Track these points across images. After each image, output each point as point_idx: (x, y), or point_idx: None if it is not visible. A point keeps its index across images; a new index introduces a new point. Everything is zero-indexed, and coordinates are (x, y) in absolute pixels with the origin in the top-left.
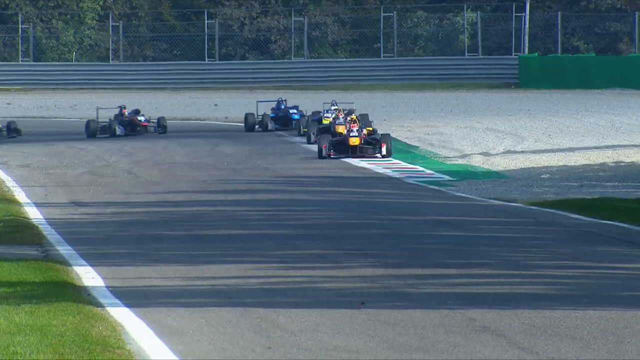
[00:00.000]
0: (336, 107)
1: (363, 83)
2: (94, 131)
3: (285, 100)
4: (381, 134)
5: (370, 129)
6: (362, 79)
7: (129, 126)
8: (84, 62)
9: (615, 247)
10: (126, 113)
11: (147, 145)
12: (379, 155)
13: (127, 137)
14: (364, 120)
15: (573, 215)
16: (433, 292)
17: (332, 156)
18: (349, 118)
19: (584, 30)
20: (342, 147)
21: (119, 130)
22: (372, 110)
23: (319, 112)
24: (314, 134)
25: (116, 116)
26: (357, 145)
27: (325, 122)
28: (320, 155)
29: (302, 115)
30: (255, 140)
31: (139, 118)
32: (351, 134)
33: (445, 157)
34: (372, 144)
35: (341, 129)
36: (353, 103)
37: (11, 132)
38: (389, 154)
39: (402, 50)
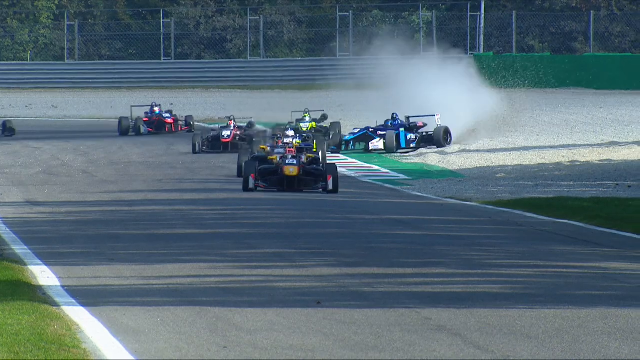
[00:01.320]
0: (307, 114)
1: (319, 82)
2: (126, 129)
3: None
4: (326, 164)
5: (311, 155)
6: (318, 78)
7: (156, 125)
8: (39, 62)
9: (571, 246)
10: (157, 111)
11: (102, 144)
12: (321, 190)
13: (85, 137)
14: (333, 129)
15: (528, 214)
16: (389, 291)
17: (260, 188)
18: (287, 140)
19: (539, 29)
20: (274, 178)
21: (143, 129)
22: (328, 109)
23: (285, 126)
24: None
25: (146, 114)
26: (294, 177)
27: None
28: (246, 188)
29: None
30: None
31: (165, 116)
32: (287, 162)
33: (400, 156)
34: (314, 175)
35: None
36: (323, 110)
37: (6, 131)
38: (335, 189)
39: (358, 50)
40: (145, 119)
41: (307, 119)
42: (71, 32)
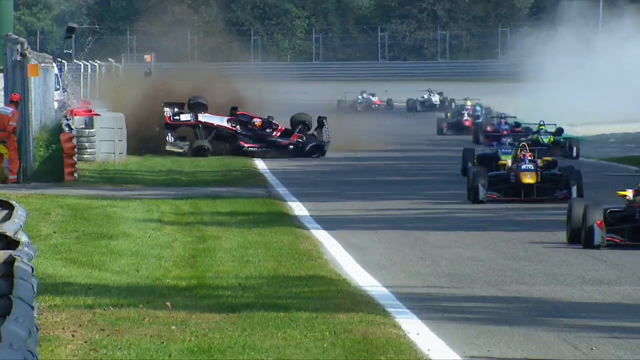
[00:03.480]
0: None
1: None
2: None
3: None
4: (567, 168)
5: (548, 158)
6: None
7: None
8: None
9: None
10: None
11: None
12: (561, 198)
13: None
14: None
15: None
16: (534, 220)
17: (491, 199)
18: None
19: None
20: (508, 187)
21: None
22: None
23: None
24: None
25: None
26: (532, 184)
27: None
28: (475, 199)
29: None
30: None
31: None
32: (522, 167)
33: None
34: (553, 182)
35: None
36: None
37: None
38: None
39: None
40: None
41: (542, 131)
42: None
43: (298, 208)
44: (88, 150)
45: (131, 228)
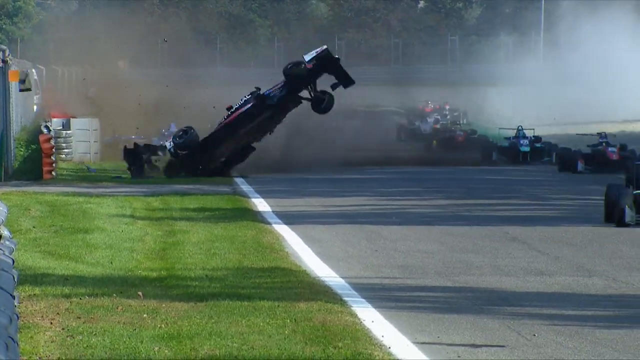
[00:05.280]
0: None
1: None
2: None
3: None
4: None
5: None
6: None
7: None
8: None
9: (595, 185)
10: None
11: None
12: None
13: None
14: None
15: None
16: (481, 215)
17: None
18: None
19: None
20: None
21: None
22: None
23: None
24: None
25: None
26: None
27: None
28: (621, 221)
29: None
30: None
31: None
32: None
33: None
34: None
35: None
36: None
37: None
38: None
39: None
40: None
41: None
42: None
43: (261, 204)
44: (65, 150)
45: (105, 223)
